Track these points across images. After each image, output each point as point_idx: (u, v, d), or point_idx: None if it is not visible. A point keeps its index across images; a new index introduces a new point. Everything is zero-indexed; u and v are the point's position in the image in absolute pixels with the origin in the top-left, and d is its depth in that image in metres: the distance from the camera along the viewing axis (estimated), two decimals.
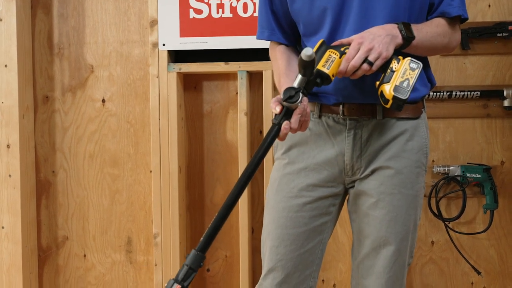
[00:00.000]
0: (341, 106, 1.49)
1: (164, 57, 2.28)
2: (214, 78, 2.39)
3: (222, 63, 2.27)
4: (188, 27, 2.27)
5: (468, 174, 2.25)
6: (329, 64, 1.33)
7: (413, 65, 1.33)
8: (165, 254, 2.30)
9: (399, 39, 1.37)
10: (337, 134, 1.51)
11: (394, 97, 1.30)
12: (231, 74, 2.36)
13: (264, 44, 1.66)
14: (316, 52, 1.34)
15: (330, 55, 1.34)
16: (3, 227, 2.34)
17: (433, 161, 2.32)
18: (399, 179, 1.49)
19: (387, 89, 1.31)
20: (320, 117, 1.53)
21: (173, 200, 2.30)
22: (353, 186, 1.55)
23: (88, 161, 2.46)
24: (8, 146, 2.33)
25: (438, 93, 2.27)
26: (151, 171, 2.37)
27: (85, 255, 2.47)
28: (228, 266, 2.43)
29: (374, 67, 1.33)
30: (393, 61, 1.34)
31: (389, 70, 1.33)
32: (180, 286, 1.18)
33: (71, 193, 2.47)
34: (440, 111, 2.31)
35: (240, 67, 2.26)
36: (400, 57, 1.35)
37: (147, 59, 2.39)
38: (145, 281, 2.45)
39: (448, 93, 2.27)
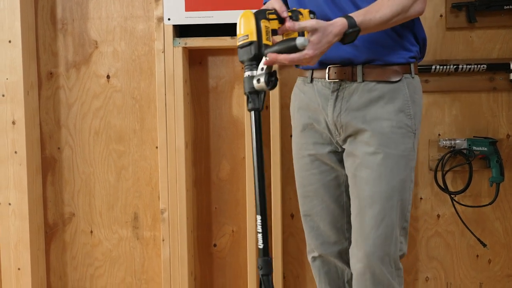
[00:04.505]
0: (327, 70, 1.58)
1: (170, 31, 2.26)
2: (219, 53, 2.38)
3: (228, 38, 2.25)
4: (193, 1, 2.24)
5: (474, 147, 2.25)
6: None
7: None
8: (172, 229, 2.31)
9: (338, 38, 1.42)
10: (324, 96, 1.61)
11: None
12: (237, 49, 2.34)
13: None
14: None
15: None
16: (10, 204, 2.34)
17: (439, 134, 2.33)
18: (382, 139, 1.52)
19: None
20: (312, 81, 1.65)
21: (180, 175, 2.30)
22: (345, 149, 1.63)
23: (93, 137, 2.45)
24: (13, 123, 2.32)
25: (445, 67, 2.26)
26: (157, 147, 2.37)
27: (91, 231, 2.48)
28: (234, 241, 2.44)
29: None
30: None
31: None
32: None
33: (77, 170, 2.47)
34: (446, 85, 2.30)
35: None
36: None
37: (151, 34, 2.38)
38: (152, 257, 2.46)
39: (455, 67, 2.26)
